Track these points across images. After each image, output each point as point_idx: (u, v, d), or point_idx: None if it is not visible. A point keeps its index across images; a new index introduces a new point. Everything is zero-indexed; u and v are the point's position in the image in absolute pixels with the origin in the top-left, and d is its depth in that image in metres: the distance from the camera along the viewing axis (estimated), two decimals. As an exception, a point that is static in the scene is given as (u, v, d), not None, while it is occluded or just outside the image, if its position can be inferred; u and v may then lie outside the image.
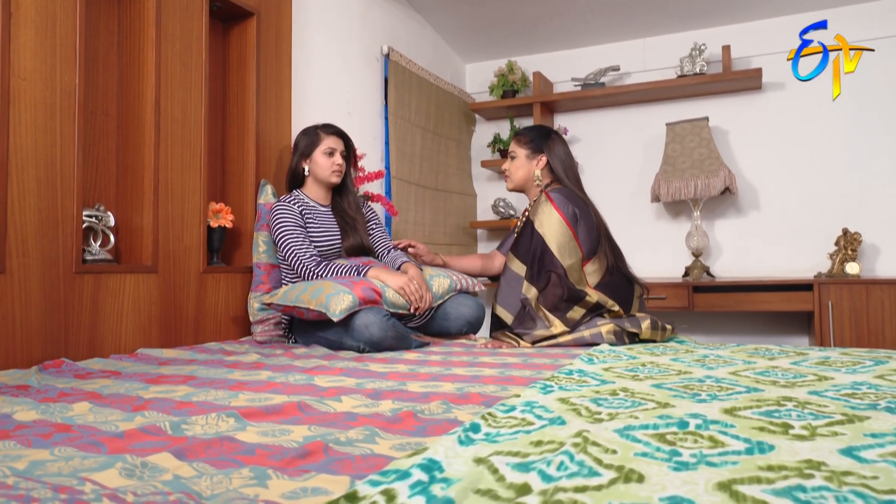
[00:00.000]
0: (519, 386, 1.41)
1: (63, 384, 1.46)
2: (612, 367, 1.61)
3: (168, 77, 2.18)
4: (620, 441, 0.90)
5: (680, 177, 3.72)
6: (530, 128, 2.56)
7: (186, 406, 1.22)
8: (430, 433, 1.00)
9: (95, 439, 0.95)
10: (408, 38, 3.83)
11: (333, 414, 1.15)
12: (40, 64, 1.78)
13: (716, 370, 1.54)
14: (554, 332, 2.12)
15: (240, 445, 0.94)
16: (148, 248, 2.09)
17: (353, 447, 0.92)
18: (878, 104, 3.64)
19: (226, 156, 2.55)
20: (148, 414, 1.15)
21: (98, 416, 1.14)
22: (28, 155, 1.74)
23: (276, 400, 1.28)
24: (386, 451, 0.90)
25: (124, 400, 1.27)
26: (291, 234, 2.28)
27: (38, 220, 1.76)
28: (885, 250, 3.62)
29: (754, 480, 0.71)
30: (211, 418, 1.08)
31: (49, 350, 1.77)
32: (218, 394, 1.34)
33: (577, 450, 0.83)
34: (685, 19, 3.91)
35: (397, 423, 1.05)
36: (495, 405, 1.15)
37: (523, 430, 0.97)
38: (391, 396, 1.30)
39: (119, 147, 2.15)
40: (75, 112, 1.86)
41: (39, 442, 0.96)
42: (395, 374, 1.59)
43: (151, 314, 2.08)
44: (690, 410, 1.09)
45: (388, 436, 0.98)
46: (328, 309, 1.99)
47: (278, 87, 2.67)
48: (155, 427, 1.01)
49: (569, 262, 2.20)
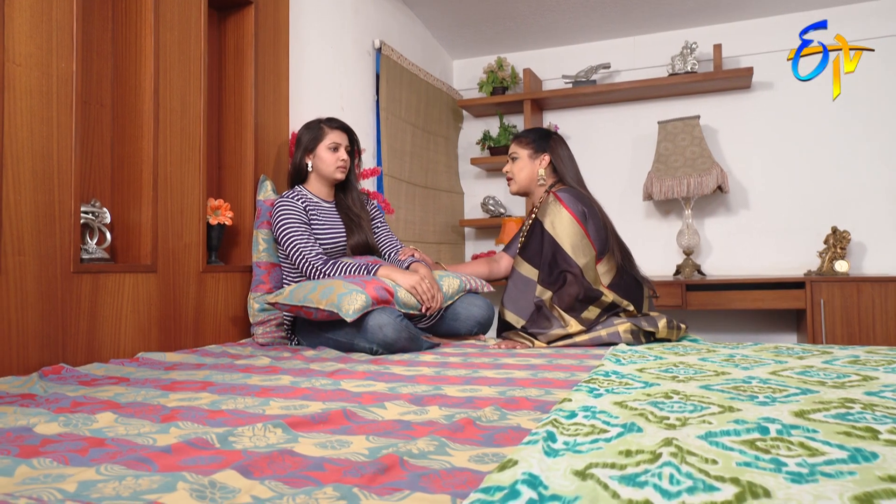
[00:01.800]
0: (560, 389, 1.35)
1: (72, 392, 1.36)
2: (646, 368, 1.57)
3: (167, 66, 2.06)
4: (713, 449, 0.85)
5: (673, 175, 3.72)
6: (530, 130, 2.53)
7: (220, 415, 1.14)
8: (500, 442, 0.94)
9: (140, 454, 0.87)
10: (399, 32, 3.75)
11: (384, 422, 1.08)
12: (35, 49, 1.67)
13: (753, 370, 1.51)
14: (570, 332, 2.08)
15: (303, 460, 0.86)
16: (147, 247, 1.98)
17: (428, 460, 0.85)
18: (865, 104, 3.69)
19: (222, 150, 2.44)
20: (182, 425, 1.06)
21: (128, 427, 1.05)
22: (24, 146, 1.62)
23: (314, 407, 1.20)
24: (465, 463, 0.84)
25: (147, 409, 1.18)
26: (296, 231, 2.19)
27: (34, 216, 1.65)
28: (871, 248, 3.67)
29: (891, 494, 0.67)
30: (257, 429, 1.00)
31: (46, 355, 1.66)
32: (246, 401, 1.26)
33: (678, 460, 0.78)
34: (676, 18, 3.91)
35: (460, 431, 0.99)
36: (552, 410, 1.10)
37: (601, 438, 0.92)
38: (434, 402, 1.23)
39: (115, 139, 2.03)
40: (72, 101, 1.75)
41: (77, 459, 0.88)
42: (424, 378, 1.52)
43: (151, 316, 1.97)
44: (760, 414, 1.04)
45: (458, 446, 0.92)
46: (340, 309, 1.91)
47: (276, 78, 2.57)
48: (202, 440, 0.93)
49: (583, 260, 2.16)
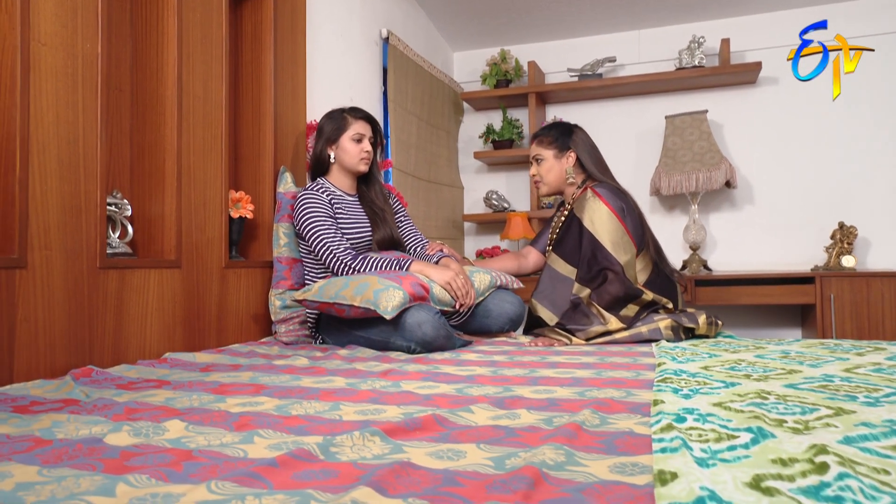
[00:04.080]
0: (637, 389, 1.29)
1: (117, 397, 1.26)
2: (710, 366, 1.52)
3: (189, 49, 1.95)
4: (870, 457, 0.79)
5: (681, 170, 3.69)
6: (549, 126, 2.44)
7: (297, 422, 1.05)
8: (626, 450, 0.87)
9: (246, 469, 0.78)
10: (404, 22, 3.66)
11: (483, 428, 1.00)
12: (60, 28, 1.55)
13: (823, 368, 1.47)
14: (610, 329, 2.02)
15: (428, 473, 0.79)
16: (171, 240, 1.87)
17: (568, 472, 0.78)
18: (871, 99, 3.70)
19: (239, 140, 2.33)
20: (264, 433, 0.98)
21: (207, 437, 0.96)
22: (49, 131, 1.51)
23: (392, 412, 1.12)
24: (609, 475, 0.77)
25: (212, 416, 1.09)
26: (322, 225, 2.10)
27: (60, 207, 1.53)
28: (876, 243, 3.69)
29: None
30: (355, 438, 0.92)
31: (73, 357, 1.55)
32: (315, 406, 1.17)
33: (852, 471, 0.72)
34: (680, 12, 3.88)
35: (574, 438, 0.92)
36: (656, 413, 1.04)
37: (738, 444, 0.86)
38: (518, 405, 1.16)
39: (134, 127, 1.91)
40: (97, 84, 1.63)
41: (175, 475, 0.79)
42: (484, 378, 1.45)
43: (175, 314, 1.86)
44: (881, 416, 0.99)
45: (585, 455, 0.85)
46: (378, 306, 1.83)
47: (294, 66, 2.46)
48: (304, 452, 0.85)
49: (625, 258, 2.10)
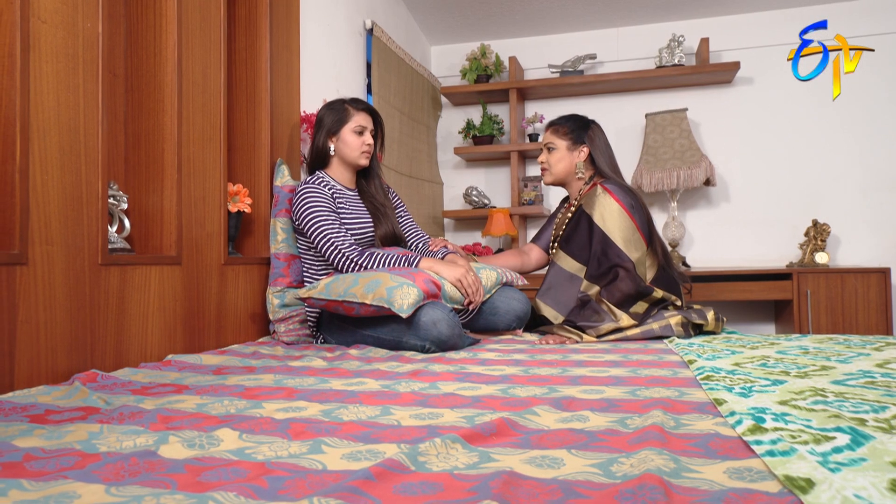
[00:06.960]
0: (687, 388, 1.27)
1: (142, 404, 1.16)
2: (741, 364, 1.51)
3: (188, 32, 1.84)
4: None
5: (662, 167, 3.72)
6: (567, 117, 2.40)
7: (357, 428, 0.99)
8: (726, 454, 0.83)
9: (343, 484, 0.71)
10: (385, 13, 3.57)
11: (559, 432, 0.95)
12: (61, 5, 1.43)
13: (854, 363, 1.47)
14: (622, 326, 2.00)
15: (539, 483, 0.74)
16: (171, 236, 1.76)
17: (687, 479, 0.74)
18: (840, 102, 3.80)
19: (232, 130, 2.22)
20: (331, 441, 0.91)
21: (274, 448, 0.88)
22: (50, 116, 1.39)
23: (449, 416, 1.06)
24: (728, 481, 0.73)
25: (261, 423, 1.01)
26: (325, 220, 2.01)
27: (62, 199, 1.41)
28: (845, 240, 3.80)
29: None
30: (438, 445, 0.86)
31: (75, 360, 1.43)
32: (364, 410, 1.10)
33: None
34: (659, 10, 3.91)
35: (664, 442, 0.88)
36: (729, 414, 1.01)
37: (842, 446, 0.83)
38: (578, 406, 1.12)
39: (129, 115, 1.79)
40: (98, 66, 1.52)
41: (262, 491, 0.71)
42: (520, 378, 1.40)
43: (176, 313, 1.76)
44: (955, 412, 0.99)
45: (689, 460, 0.81)
46: (392, 304, 1.76)
47: (288, 54, 2.36)
48: (395, 462, 0.78)
49: (636, 255, 2.09)
